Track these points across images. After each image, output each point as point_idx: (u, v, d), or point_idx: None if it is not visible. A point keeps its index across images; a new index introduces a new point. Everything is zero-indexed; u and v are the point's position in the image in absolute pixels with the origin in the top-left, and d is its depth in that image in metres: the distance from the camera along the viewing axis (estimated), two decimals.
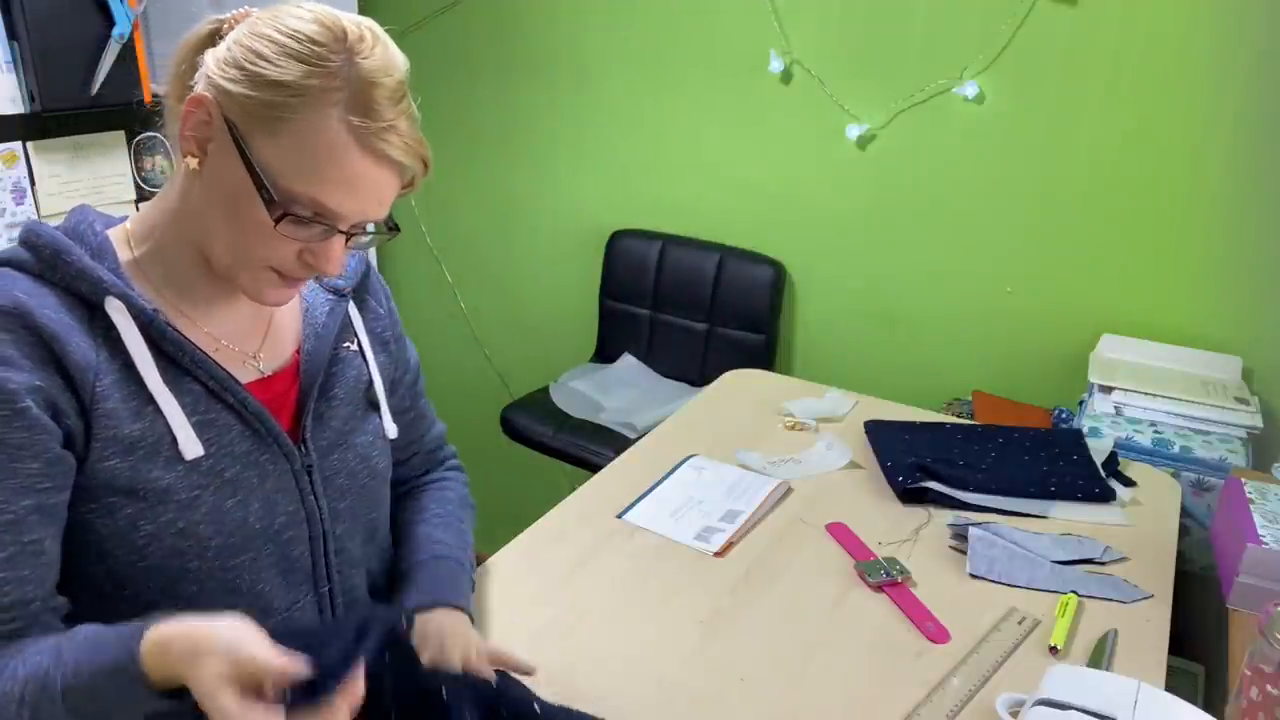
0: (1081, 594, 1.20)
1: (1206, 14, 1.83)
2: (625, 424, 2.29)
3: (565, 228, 2.71)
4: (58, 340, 0.75)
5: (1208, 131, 1.89)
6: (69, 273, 0.78)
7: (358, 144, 0.76)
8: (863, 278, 2.34)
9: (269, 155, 0.77)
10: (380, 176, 0.79)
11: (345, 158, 0.76)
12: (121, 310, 0.79)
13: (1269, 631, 0.97)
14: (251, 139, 0.77)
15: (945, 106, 2.11)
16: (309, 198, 0.77)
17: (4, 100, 1.52)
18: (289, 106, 0.75)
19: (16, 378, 0.73)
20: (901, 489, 1.42)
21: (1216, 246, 1.94)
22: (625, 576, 1.22)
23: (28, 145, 1.56)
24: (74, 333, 0.77)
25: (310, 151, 0.76)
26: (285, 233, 0.78)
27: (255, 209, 0.77)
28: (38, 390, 0.74)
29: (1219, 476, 1.68)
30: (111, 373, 0.78)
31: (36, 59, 1.51)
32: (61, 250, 0.78)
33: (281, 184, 0.77)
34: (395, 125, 0.78)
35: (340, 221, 0.80)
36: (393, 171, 0.80)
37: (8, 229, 1.56)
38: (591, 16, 2.47)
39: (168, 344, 0.81)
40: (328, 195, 0.78)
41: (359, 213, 0.80)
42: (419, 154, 0.81)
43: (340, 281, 0.99)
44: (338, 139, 0.76)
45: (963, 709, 1.00)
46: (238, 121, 0.77)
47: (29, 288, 0.77)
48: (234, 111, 0.77)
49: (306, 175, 0.77)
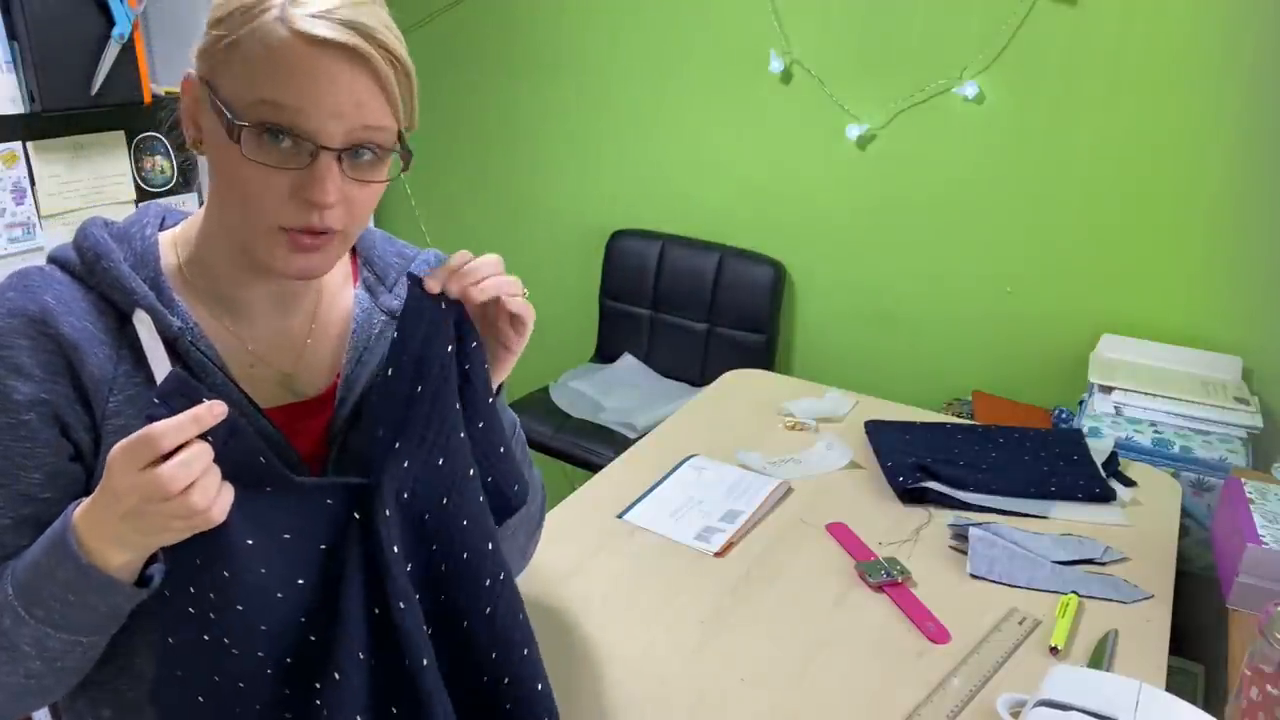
0: (1082, 594, 1.20)
1: (1206, 14, 1.83)
2: (625, 424, 2.29)
3: (565, 227, 2.71)
4: (77, 350, 0.74)
5: (1208, 131, 1.89)
6: (105, 280, 0.77)
7: (290, 34, 0.71)
8: (863, 278, 2.34)
9: (228, 87, 0.73)
10: (328, 65, 0.72)
11: (282, 52, 0.71)
12: (147, 324, 0.77)
13: (1269, 631, 0.97)
14: (217, 83, 0.74)
15: (945, 106, 2.12)
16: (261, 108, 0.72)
17: (4, 100, 1.52)
18: (234, 32, 0.73)
19: (24, 389, 0.73)
20: (902, 489, 1.42)
21: (1216, 246, 1.94)
22: (625, 576, 1.22)
23: (28, 145, 1.56)
24: (96, 343, 0.76)
25: (256, 61, 0.72)
26: (252, 154, 0.72)
27: (233, 150, 0.73)
28: (45, 404, 0.74)
29: (1219, 476, 1.68)
30: (130, 388, 0.77)
31: (36, 59, 1.50)
32: (102, 255, 0.78)
33: (238, 106, 0.73)
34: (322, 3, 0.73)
35: (309, 131, 0.73)
36: (343, 60, 0.72)
37: (7, 229, 1.55)
38: (593, 17, 2.47)
39: (192, 362, 0.79)
40: (274, 90, 0.72)
41: (321, 116, 0.72)
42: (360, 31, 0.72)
43: (394, 301, 0.91)
44: (273, 37, 0.71)
45: (963, 709, 1.00)
46: (208, 77, 0.75)
47: (64, 291, 0.77)
48: (204, 70, 0.75)
49: (255, 82, 0.72)
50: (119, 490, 0.64)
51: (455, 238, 2.87)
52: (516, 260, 3.05)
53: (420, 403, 0.77)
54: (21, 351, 0.73)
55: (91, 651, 0.74)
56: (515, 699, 0.80)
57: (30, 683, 0.72)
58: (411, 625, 0.74)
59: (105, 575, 0.68)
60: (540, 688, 0.81)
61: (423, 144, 2.73)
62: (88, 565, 0.67)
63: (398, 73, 0.75)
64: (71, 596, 0.68)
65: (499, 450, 0.83)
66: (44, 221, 1.60)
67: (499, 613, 0.79)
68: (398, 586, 0.74)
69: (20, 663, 0.71)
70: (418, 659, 0.73)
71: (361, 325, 0.89)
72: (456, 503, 0.78)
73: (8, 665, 0.71)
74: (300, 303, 0.88)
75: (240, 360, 0.83)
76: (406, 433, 0.76)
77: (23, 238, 1.57)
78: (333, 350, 0.89)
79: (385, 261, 0.94)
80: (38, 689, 0.74)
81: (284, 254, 0.76)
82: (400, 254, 0.96)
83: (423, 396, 0.77)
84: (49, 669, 0.72)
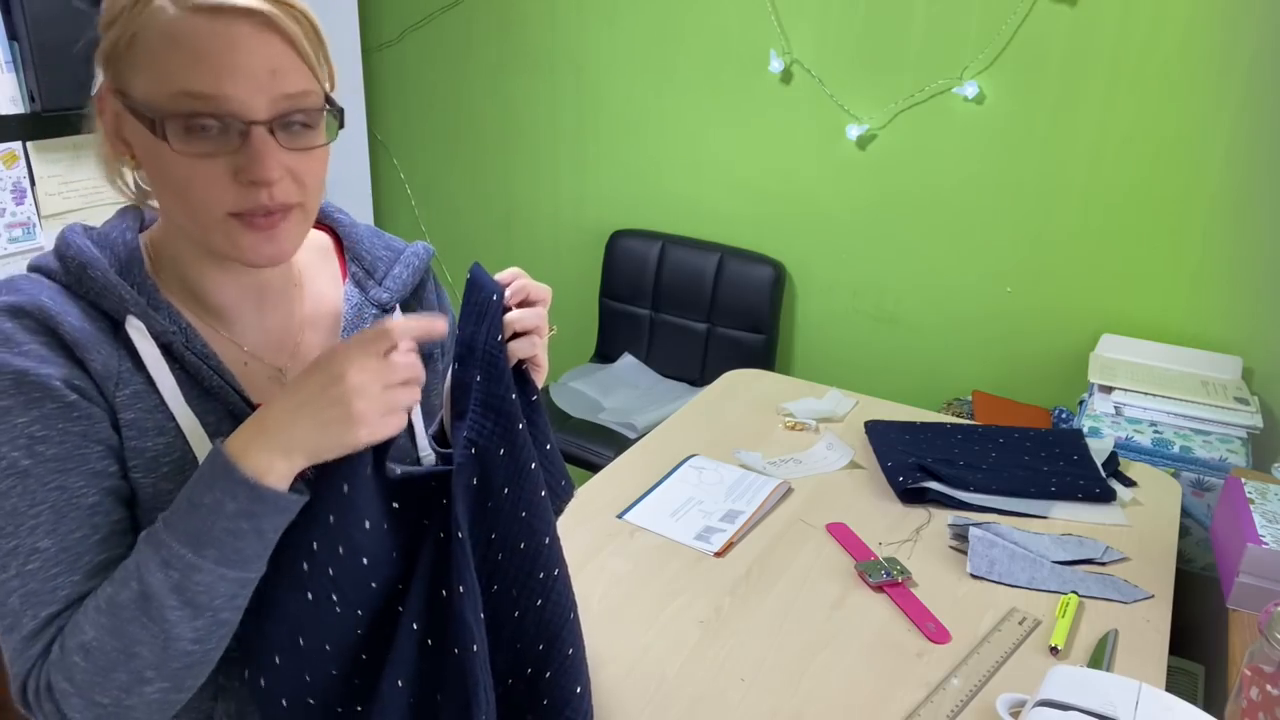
0: (1082, 594, 1.20)
1: (1206, 14, 1.83)
2: (625, 424, 2.29)
3: (565, 228, 2.71)
4: (79, 347, 0.73)
5: (1207, 131, 1.89)
6: (94, 289, 0.76)
7: (183, 12, 0.69)
8: (863, 278, 2.34)
9: (140, 87, 0.72)
10: (232, 35, 0.69)
11: (183, 34, 0.69)
12: (141, 330, 0.76)
13: (1269, 631, 0.97)
14: (128, 86, 0.73)
15: (945, 106, 2.12)
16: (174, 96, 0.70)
17: (4, 100, 1.52)
18: (128, 28, 0.71)
19: (57, 374, 0.72)
20: (901, 489, 1.42)
21: (1216, 246, 1.94)
22: (625, 576, 1.22)
23: (28, 145, 1.56)
24: (97, 342, 0.75)
25: (157, 51, 0.70)
26: (181, 147, 0.70)
27: (162, 149, 0.71)
28: (78, 385, 0.73)
29: (1219, 476, 1.68)
30: (134, 384, 0.76)
31: (36, 59, 1.50)
32: (88, 264, 0.76)
33: (155, 102, 0.71)
34: None
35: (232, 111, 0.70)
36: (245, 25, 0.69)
37: (7, 229, 1.55)
38: (592, 16, 2.47)
39: (188, 365, 0.78)
40: (187, 80, 0.69)
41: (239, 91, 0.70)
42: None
43: (384, 294, 0.91)
44: (169, 20, 0.70)
45: (963, 709, 1.00)
46: (118, 85, 0.74)
47: (56, 296, 0.75)
48: (112, 78, 0.74)
49: (166, 74, 0.70)
50: (344, 370, 0.69)
51: (455, 238, 2.87)
52: (516, 260, 3.06)
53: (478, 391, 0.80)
54: (36, 345, 0.73)
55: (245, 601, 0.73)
56: (553, 696, 0.80)
57: (194, 650, 0.70)
58: (467, 610, 0.75)
59: (276, 491, 0.69)
60: (579, 690, 0.81)
61: (423, 144, 2.74)
62: (260, 487, 0.68)
63: (305, 29, 0.72)
64: (245, 524, 0.68)
65: (545, 447, 0.85)
66: (44, 221, 1.60)
67: (549, 606, 0.81)
68: (461, 571, 0.75)
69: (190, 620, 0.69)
70: (468, 644, 0.74)
71: (351, 320, 0.89)
72: (516, 494, 0.80)
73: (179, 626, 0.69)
74: (278, 298, 0.86)
75: (233, 358, 0.83)
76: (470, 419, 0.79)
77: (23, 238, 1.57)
78: (322, 343, 0.88)
79: (374, 255, 0.93)
80: (198, 660, 0.71)
81: (247, 241, 0.74)
82: (389, 246, 0.95)
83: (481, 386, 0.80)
84: (213, 624, 0.70)
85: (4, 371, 0.70)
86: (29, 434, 0.71)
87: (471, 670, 0.74)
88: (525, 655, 0.80)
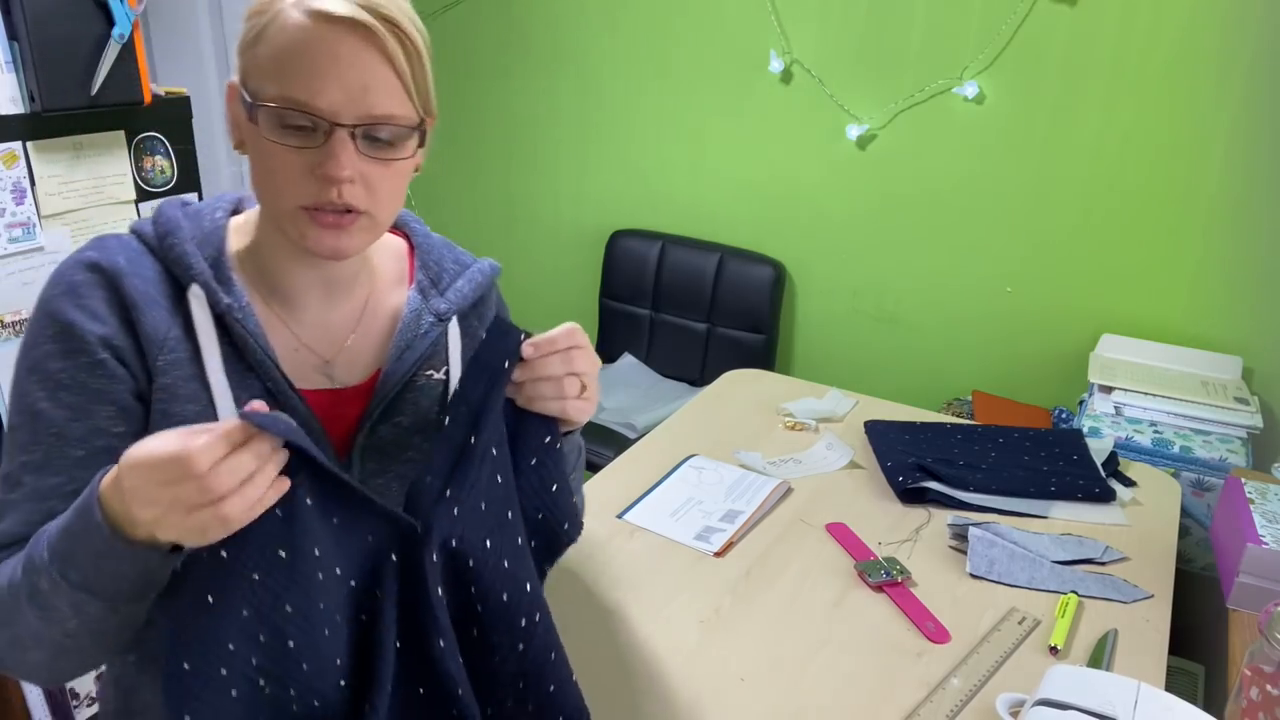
0: (1081, 594, 1.20)
1: (1206, 14, 1.83)
2: (625, 424, 2.29)
3: (565, 228, 2.72)
4: (137, 309, 0.79)
5: (1207, 131, 1.89)
6: (170, 254, 0.83)
7: (304, 15, 0.75)
8: (863, 278, 2.34)
9: (255, 77, 0.77)
10: (338, 42, 0.74)
11: (297, 34, 0.74)
12: (200, 298, 0.82)
13: (1269, 631, 0.97)
14: (246, 75, 0.78)
15: (945, 106, 2.12)
16: (276, 90, 0.75)
17: (4, 100, 1.52)
18: (259, 22, 0.77)
19: (99, 330, 0.78)
20: (901, 489, 1.42)
21: (1216, 246, 1.94)
22: (625, 576, 1.22)
23: (28, 145, 1.56)
24: (155, 306, 0.80)
25: (274, 47, 0.75)
26: (273, 137, 0.76)
27: (257, 134, 0.77)
28: (115, 347, 0.79)
29: (1219, 476, 1.68)
30: (180, 351, 0.81)
31: (36, 59, 1.50)
32: (170, 231, 0.83)
33: (261, 93, 0.76)
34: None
35: (321, 110, 0.75)
36: (352, 36, 0.74)
37: (7, 229, 1.56)
38: (593, 16, 2.48)
39: (235, 338, 0.82)
40: (290, 77, 0.75)
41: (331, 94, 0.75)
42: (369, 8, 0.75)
43: (443, 304, 0.94)
44: (290, 21, 0.75)
45: (963, 709, 1.00)
46: (241, 73, 0.79)
47: (136, 257, 0.82)
48: (240, 66, 0.79)
49: (275, 70, 0.75)
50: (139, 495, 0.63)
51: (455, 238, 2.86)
52: (517, 260, 3.06)
53: (473, 453, 0.78)
54: (96, 300, 0.79)
55: (131, 620, 0.73)
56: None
57: (69, 642, 0.72)
58: (450, 661, 0.75)
59: (130, 546, 0.66)
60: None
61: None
62: (112, 536, 0.66)
63: (408, 51, 0.77)
64: (102, 564, 0.68)
65: (551, 488, 0.84)
66: (44, 221, 1.60)
67: (531, 649, 0.80)
68: (440, 625, 0.75)
69: (58, 623, 0.71)
70: (453, 690, 0.75)
71: (409, 324, 0.91)
72: (498, 544, 0.79)
73: (44, 624, 0.71)
74: (348, 295, 0.90)
75: (285, 343, 0.86)
76: (457, 479, 0.77)
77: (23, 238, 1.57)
78: (376, 345, 0.91)
79: (441, 265, 0.97)
80: (75, 649, 0.73)
81: (313, 232, 0.79)
82: (457, 260, 0.99)
83: (475, 447, 0.78)
84: (85, 631, 0.71)
85: (57, 319, 0.78)
86: (56, 379, 0.78)
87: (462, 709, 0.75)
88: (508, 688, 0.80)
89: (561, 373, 0.79)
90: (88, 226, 1.67)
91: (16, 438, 0.79)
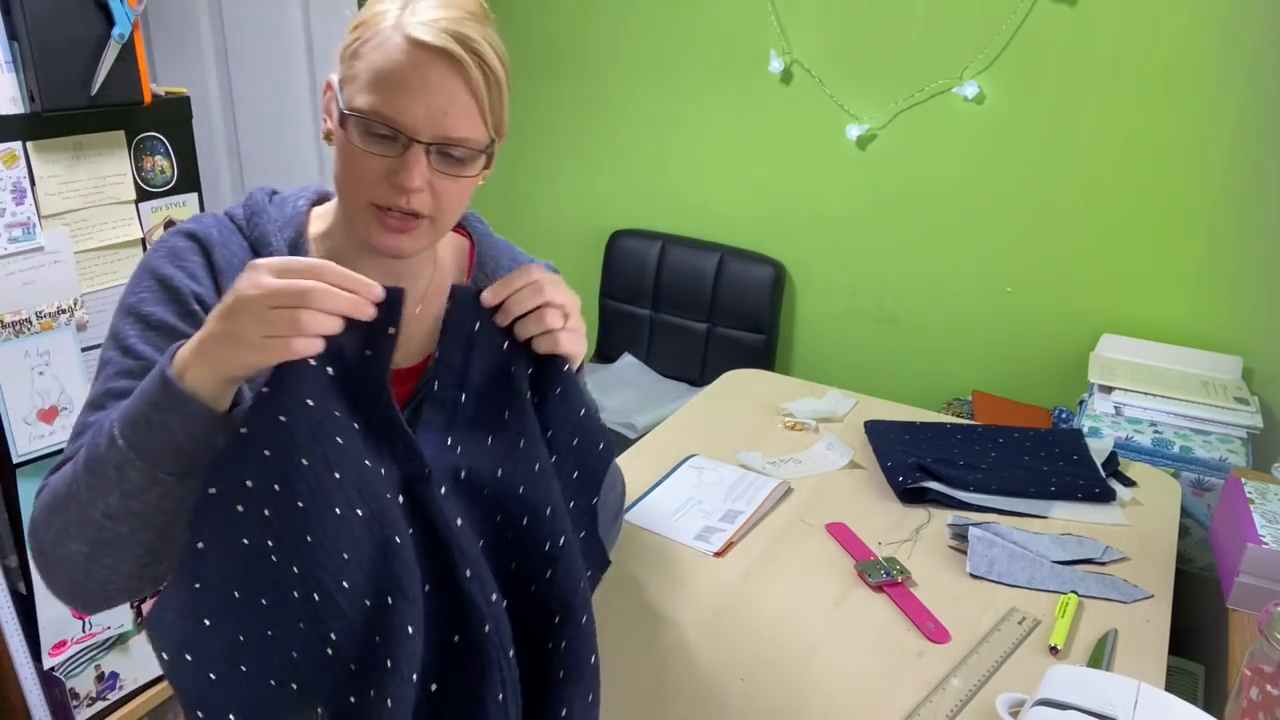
0: (1081, 594, 1.20)
1: (1206, 14, 1.83)
2: (625, 424, 2.29)
3: (565, 227, 2.71)
4: (222, 275, 0.90)
5: (1208, 132, 1.89)
6: (255, 233, 0.94)
7: (400, 39, 0.82)
8: (863, 278, 2.34)
9: (350, 85, 0.86)
10: (426, 67, 0.82)
11: (391, 55, 0.82)
12: None
13: (1269, 631, 0.97)
14: (344, 81, 0.87)
15: (945, 106, 2.12)
16: (367, 101, 0.83)
17: (4, 100, 1.52)
18: (361, 37, 0.85)
19: (193, 286, 0.89)
20: (901, 489, 1.42)
21: (1216, 246, 1.94)
22: (625, 576, 1.22)
23: (28, 145, 1.56)
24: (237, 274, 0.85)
25: (370, 62, 0.84)
26: (357, 141, 0.84)
27: (344, 137, 0.86)
28: (205, 302, 0.88)
29: (1219, 476, 1.68)
30: None
31: (36, 59, 1.50)
32: (256, 212, 0.95)
33: (353, 100, 0.85)
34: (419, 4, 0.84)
35: (403, 125, 0.83)
36: (440, 63, 0.82)
37: (7, 229, 1.56)
38: (593, 17, 2.48)
39: None
40: (380, 92, 0.83)
41: (414, 112, 0.82)
42: (459, 39, 0.82)
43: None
44: (387, 42, 0.83)
45: (963, 709, 1.00)
46: (340, 76, 0.88)
47: (226, 233, 0.93)
48: (340, 70, 0.88)
49: (369, 83, 0.84)
50: (239, 285, 0.70)
51: None
52: None
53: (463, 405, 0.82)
54: (193, 263, 0.90)
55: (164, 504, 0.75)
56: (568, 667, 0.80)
57: (106, 526, 0.74)
58: (475, 592, 0.75)
59: (184, 390, 0.71)
60: (594, 661, 0.81)
61: None
62: (171, 378, 0.71)
63: (489, 83, 0.86)
64: (155, 415, 0.72)
65: (579, 413, 0.86)
66: (44, 221, 1.60)
67: (558, 578, 0.81)
68: (466, 557, 0.76)
69: (101, 494, 0.74)
70: (479, 626, 0.75)
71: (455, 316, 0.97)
72: (510, 471, 0.81)
73: (91, 495, 0.74)
74: (410, 284, 0.97)
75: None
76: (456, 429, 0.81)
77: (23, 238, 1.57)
78: (430, 331, 0.98)
79: (497, 263, 1.05)
80: (112, 540, 0.75)
81: (377, 231, 0.87)
82: (514, 259, 1.07)
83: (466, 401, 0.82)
84: (124, 507, 0.74)
85: (159, 274, 0.89)
86: (148, 320, 0.87)
87: (485, 650, 0.74)
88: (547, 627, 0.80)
89: (534, 304, 0.81)
90: (88, 226, 1.67)
91: (107, 369, 0.87)
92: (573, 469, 0.87)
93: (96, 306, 1.71)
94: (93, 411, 0.85)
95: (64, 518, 0.76)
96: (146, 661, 1.92)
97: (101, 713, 1.86)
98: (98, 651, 1.83)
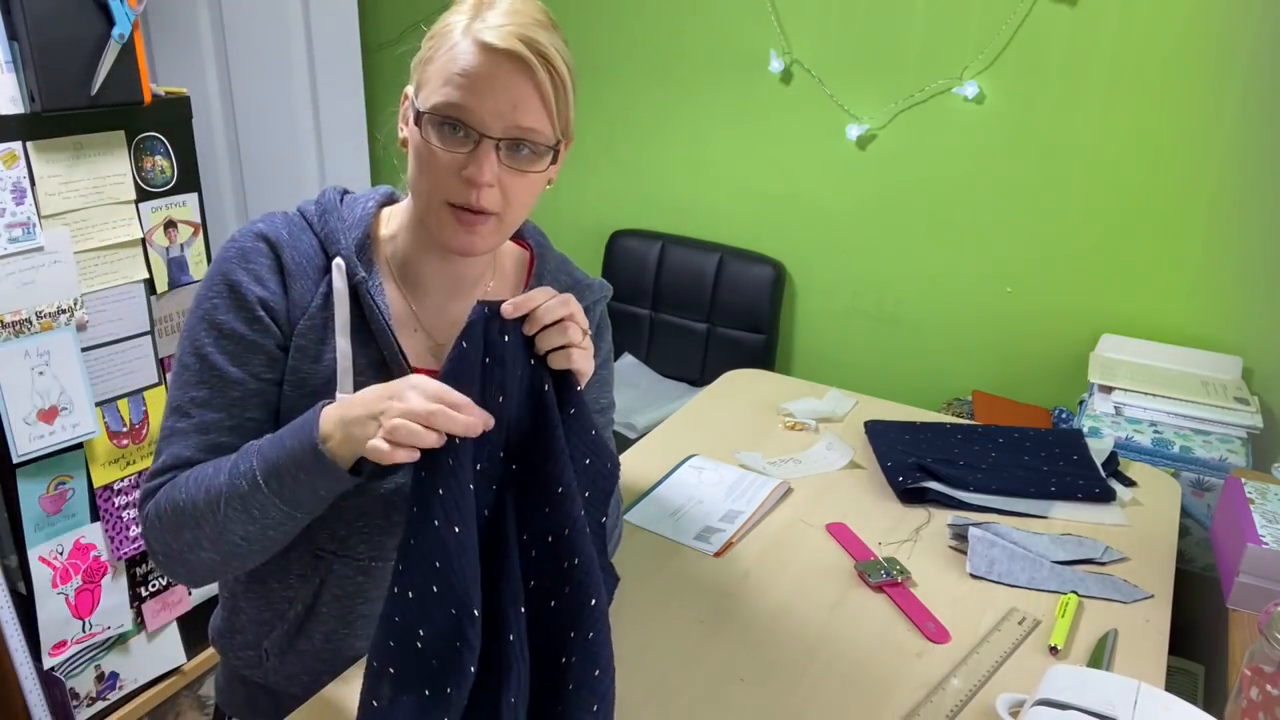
0: (1081, 594, 1.20)
1: (1205, 15, 1.83)
2: (625, 424, 2.29)
3: (565, 227, 2.71)
4: (290, 276, 0.95)
5: (1207, 131, 1.89)
6: (324, 231, 0.97)
7: (471, 43, 0.87)
8: (863, 278, 2.34)
9: (425, 88, 0.90)
10: (495, 69, 0.86)
11: (463, 59, 0.87)
12: (340, 269, 0.95)
13: (1269, 631, 0.97)
14: (418, 85, 0.92)
15: (945, 106, 2.12)
16: (440, 100, 0.88)
17: (4, 100, 1.52)
18: (432, 48, 0.90)
19: (259, 291, 0.93)
20: (901, 489, 1.42)
21: (1216, 246, 1.94)
22: (625, 576, 1.22)
23: (28, 145, 1.56)
24: (305, 276, 0.95)
25: (443, 66, 0.88)
26: (433, 141, 0.88)
27: (419, 136, 0.90)
28: (270, 306, 0.93)
29: (1219, 476, 1.68)
30: (316, 317, 0.94)
31: (36, 59, 1.50)
32: (327, 211, 0.99)
33: (428, 103, 0.89)
34: (489, 14, 0.88)
35: (474, 123, 0.87)
36: (509, 65, 0.86)
37: (7, 229, 1.56)
38: (593, 17, 2.48)
39: (365, 307, 0.95)
40: (453, 91, 0.87)
41: (484, 111, 0.87)
42: (527, 43, 0.86)
43: None
44: (458, 47, 0.88)
45: (963, 709, 1.00)
46: (415, 83, 0.92)
47: (296, 232, 0.97)
48: (414, 76, 0.93)
49: (442, 85, 0.88)
50: (402, 392, 0.79)
51: None
52: None
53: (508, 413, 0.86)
54: (261, 266, 0.94)
55: (296, 529, 0.89)
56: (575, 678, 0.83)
57: (242, 545, 0.88)
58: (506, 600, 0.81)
59: (328, 458, 0.82)
60: (597, 674, 0.83)
61: None
62: (319, 451, 0.82)
63: (555, 83, 0.90)
64: (302, 475, 0.83)
65: (590, 433, 0.90)
66: (44, 221, 1.60)
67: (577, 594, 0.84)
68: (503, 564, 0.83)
69: (242, 524, 0.86)
70: (507, 635, 0.81)
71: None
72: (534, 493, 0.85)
73: (234, 524, 0.86)
74: (470, 291, 1.02)
75: (406, 322, 1.00)
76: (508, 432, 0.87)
77: (23, 238, 1.57)
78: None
79: (554, 278, 1.07)
80: (242, 554, 0.89)
81: (450, 228, 0.91)
82: (569, 274, 1.10)
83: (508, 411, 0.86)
84: (262, 535, 0.87)
85: (229, 279, 0.93)
86: (220, 328, 0.93)
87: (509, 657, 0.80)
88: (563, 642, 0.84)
89: (561, 314, 0.85)
90: (87, 226, 1.67)
91: (186, 375, 0.94)
92: (586, 488, 0.90)
93: (96, 306, 1.71)
94: (179, 417, 0.93)
95: (196, 533, 0.88)
96: (146, 661, 1.92)
97: (101, 713, 1.86)
98: (98, 651, 1.82)
